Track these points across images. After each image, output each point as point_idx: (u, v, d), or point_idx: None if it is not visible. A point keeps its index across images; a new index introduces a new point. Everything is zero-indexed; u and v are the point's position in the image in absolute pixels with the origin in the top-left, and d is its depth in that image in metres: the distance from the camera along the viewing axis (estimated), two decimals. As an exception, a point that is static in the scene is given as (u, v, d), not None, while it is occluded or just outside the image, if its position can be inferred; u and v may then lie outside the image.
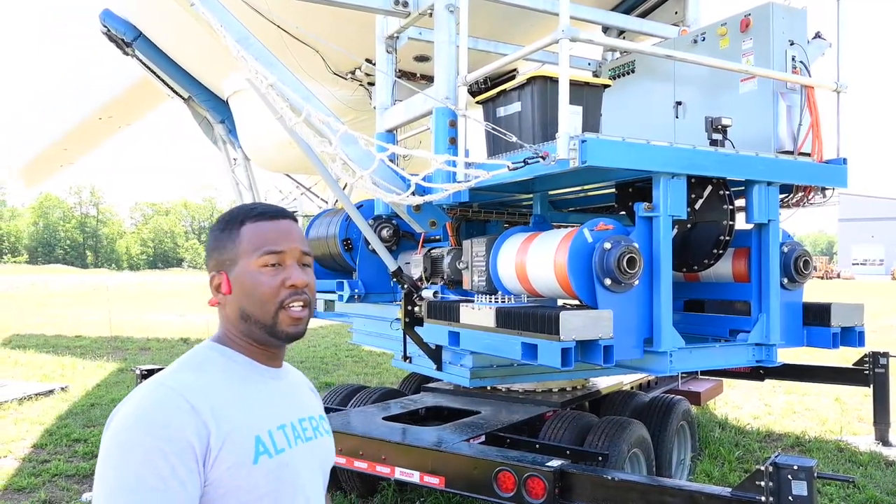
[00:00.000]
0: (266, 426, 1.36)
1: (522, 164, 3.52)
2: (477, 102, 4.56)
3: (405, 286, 4.96)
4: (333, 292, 6.30)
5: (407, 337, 5.24)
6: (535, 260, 3.83)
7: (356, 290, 6.00)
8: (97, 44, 10.74)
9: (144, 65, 10.24)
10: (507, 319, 3.69)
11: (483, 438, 4.12)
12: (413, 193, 3.97)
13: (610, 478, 3.27)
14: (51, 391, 9.20)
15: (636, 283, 3.54)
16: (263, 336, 1.43)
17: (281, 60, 4.55)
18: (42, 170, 16.56)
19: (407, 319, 4.98)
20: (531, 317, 3.50)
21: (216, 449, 1.25)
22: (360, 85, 7.71)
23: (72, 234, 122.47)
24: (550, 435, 4.28)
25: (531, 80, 3.86)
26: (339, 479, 5.22)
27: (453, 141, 4.37)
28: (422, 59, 6.67)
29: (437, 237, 5.65)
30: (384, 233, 5.86)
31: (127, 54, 10.44)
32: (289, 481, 1.37)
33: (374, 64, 7.53)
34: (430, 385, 5.64)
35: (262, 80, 4.14)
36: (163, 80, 10.42)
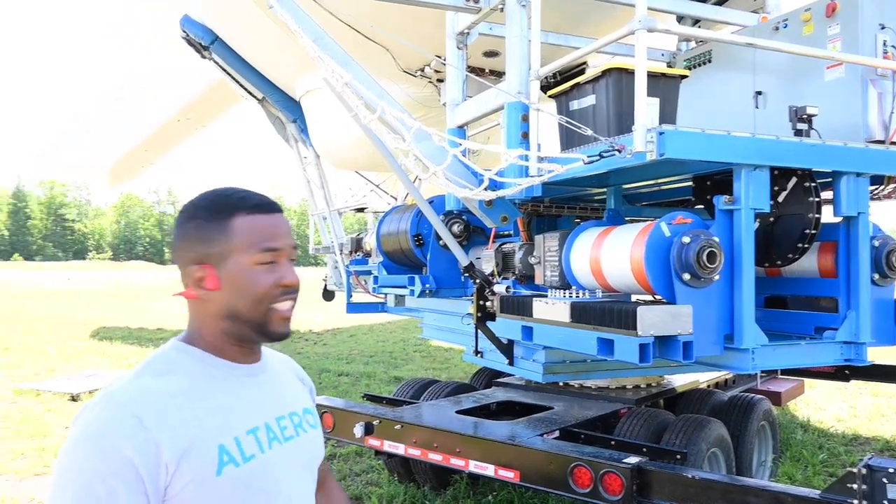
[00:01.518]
0: (232, 433, 1.28)
1: (598, 157, 3.48)
2: (549, 96, 4.52)
3: (477, 281, 4.98)
4: (404, 287, 6.38)
5: (478, 332, 5.26)
6: (610, 255, 3.78)
7: (427, 286, 6.05)
8: (176, 49, 11.15)
9: (221, 67, 10.59)
10: (582, 314, 3.66)
11: (557, 434, 4.10)
12: (485, 188, 3.98)
13: (690, 476, 3.21)
14: (136, 381, 9.61)
15: (716, 278, 3.46)
16: (251, 335, 1.37)
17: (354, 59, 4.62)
18: (125, 171, 17.34)
19: (479, 314, 4.98)
20: (607, 312, 3.46)
21: (172, 463, 1.18)
22: (430, 82, 7.77)
23: (151, 232, 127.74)
24: (626, 432, 4.22)
25: (606, 72, 3.81)
26: (411, 472, 5.29)
27: (525, 135, 4.36)
28: (491, 54, 6.67)
29: (508, 232, 5.64)
30: (455, 228, 5.88)
31: (204, 57, 10.81)
32: (261, 489, 1.29)
33: (444, 61, 7.59)
34: (502, 380, 5.64)
35: (337, 78, 4.22)
36: (238, 82, 10.75)
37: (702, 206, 4.39)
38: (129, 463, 1.14)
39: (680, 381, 5.35)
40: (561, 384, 5.18)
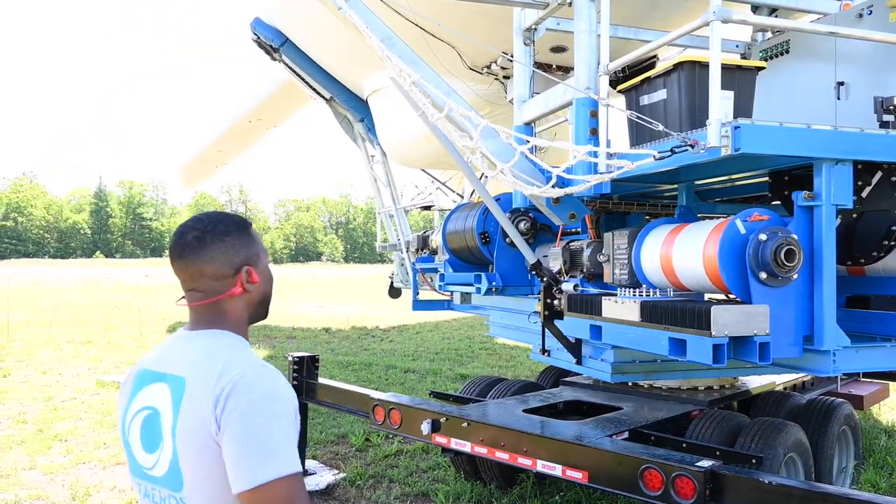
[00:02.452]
0: None
1: (669, 153, 3.40)
2: (619, 91, 4.45)
3: (545, 279, 4.94)
4: (471, 285, 6.38)
5: (546, 330, 5.22)
6: (682, 252, 3.69)
7: (493, 283, 6.04)
8: (247, 52, 11.46)
9: (290, 69, 10.83)
10: (653, 313, 3.59)
11: (626, 435, 4.03)
12: (554, 186, 3.94)
13: (766, 481, 3.10)
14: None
15: (795, 276, 3.33)
16: (264, 313, 1.83)
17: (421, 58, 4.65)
18: (199, 171, 17.93)
19: (546, 313, 4.94)
20: (679, 311, 3.38)
21: None
22: (496, 79, 7.76)
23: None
24: (698, 434, 4.11)
25: (678, 65, 3.72)
26: (478, 469, 5.30)
27: (594, 131, 4.30)
28: (559, 49, 6.60)
29: (575, 230, 5.58)
30: (522, 226, 5.86)
31: (274, 59, 11.07)
32: None
33: (511, 57, 7.55)
34: (569, 379, 5.58)
35: (405, 77, 4.26)
36: (307, 83, 10.97)
37: (779, 202, 4.24)
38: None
39: (755, 382, 5.19)
40: (630, 384, 5.10)
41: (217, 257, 1.66)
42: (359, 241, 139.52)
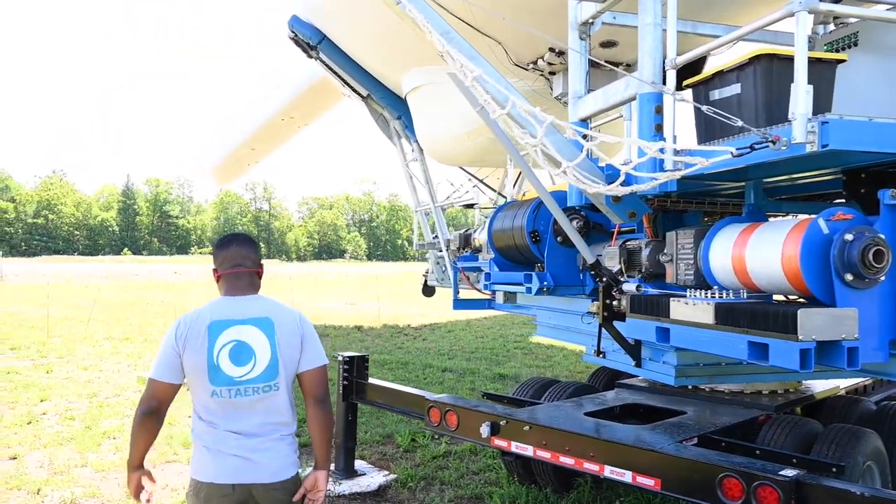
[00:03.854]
0: None
1: (748, 149, 3.27)
2: (685, 86, 4.32)
3: (604, 279, 4.83)
4: (519, 284, 6.29)
5: (602, 331, 5.12)
6: (758, 253, 3.57)
7: (545, 283, 5.94)
8: (280, 51, 11.44)
9: (327, 66, 10.81)
10: (729, 316, 3.47)
11: (696, 441, 3.91)
12: (620, 184, 3.83)
13: (858, 492, 2.97)
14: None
15: (882, 278, 3.20)
16: None
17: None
18: (232, 169, 18.02)
19: (605, 314, 4.84)
20: (760, 314, 3.26)
21: None
22: (541, 75, 7.64)
23: (248, 228, 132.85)
24: (770, 441, 3.98)
25: (754, 59, 3.58)
26: (532, 473, 5.21)
27: (659, 128, 4.16)
28: (609, 44, 6.48)
29: (629, 228, 5.47)
30: (575, 224, 5.77)
31: (311, 57, 11.05)
32: None
33: (557, 53, 7.41)
34: (625, 381, 5.46)
35: (467, 73, 4.17)
36: (343, 80, 10.94)
37: (854, 201, 4.08)
38: None
39: (819, 387, 5.03)
40: (689, 387, 4.97)
41: (254, 249, 2.97)
42: (382, 238, 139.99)
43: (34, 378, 9.58)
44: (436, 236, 11.15)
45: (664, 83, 3.97)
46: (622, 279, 4.85)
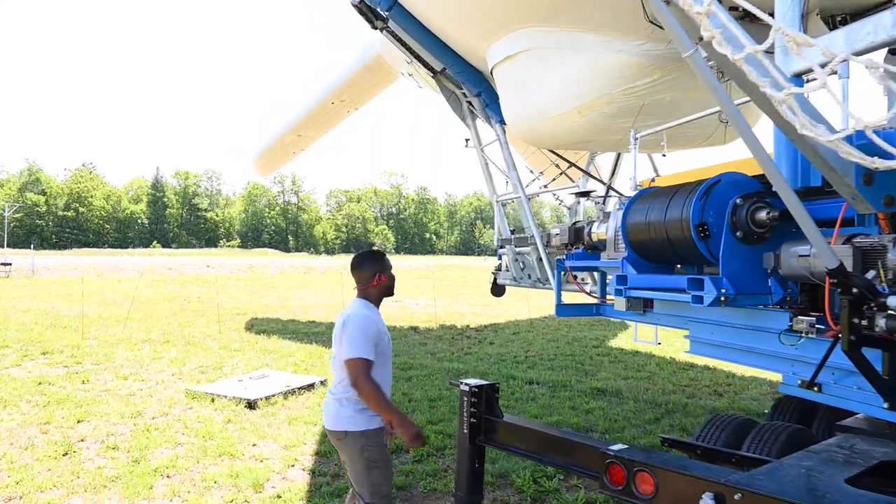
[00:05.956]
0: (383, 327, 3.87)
1: None
2: None
3: (853, 290, 3.48)
4: (680, 290, 4.95)
5: (825, 360, 3.82)
6: None
7: (723, 291, 4.59)
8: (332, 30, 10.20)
9: (396, 37, 9.54)
10: None
11: None
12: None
13: None
14: (311, 385, 8.77)
15: None
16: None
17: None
18: (277, 157, 16.88)
19: (852, 337, 3.50)
20: None
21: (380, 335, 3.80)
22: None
23: (276, 221, 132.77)
24: None
25: None
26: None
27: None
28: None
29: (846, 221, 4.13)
30: (759, 215, 4.47)
31: (376, 28, 9.80)
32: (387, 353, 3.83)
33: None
34: (847, 424, 4.10)
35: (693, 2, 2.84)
36: (414, 53, 9.67)
37: None
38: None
39: None
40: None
41: (359, 269, 3.89)
42: (409, 231, 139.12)
43: (69, 391, 8.45)
44: (513, 230, 9.84)
45: None
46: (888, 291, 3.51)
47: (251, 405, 7.76)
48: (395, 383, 9.03)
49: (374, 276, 3.82)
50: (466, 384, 4.45)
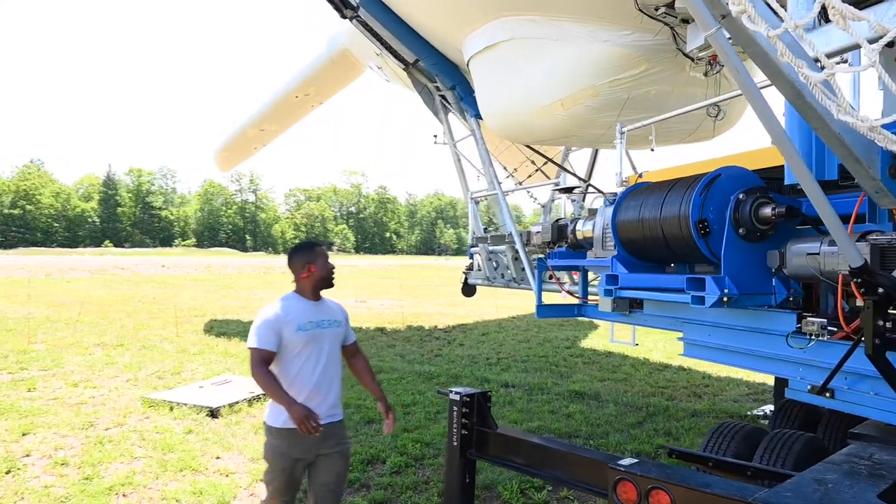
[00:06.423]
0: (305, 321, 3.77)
1: None
2: None
3: (878, 290, 3.25)
4: (678, 290, 4.69)
5: (840, 365, 3.59)
6: None
7: (725, 291, 4.34)
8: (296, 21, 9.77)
9: (367, 27, 9.14)
10: None
11: None
12: None
13: None
14: (277, 391, 8.32)
15: None
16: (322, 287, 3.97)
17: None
18: (239, 151, 16.30)
19: (876, 340, 3.27)
20: None
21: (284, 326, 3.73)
22: (668, 26, 6.03)
23: (233, 219, 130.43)
24: None
25: None
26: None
27: None
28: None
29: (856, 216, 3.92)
30: (764, 211, 4.25)
31: (345, 17, 9.38)
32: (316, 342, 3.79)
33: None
34: (861, 431, 3.88)
35: None
36: (385, 44, 9.29)
37: None
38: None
39: None
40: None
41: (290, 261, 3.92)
42: (370, 231, 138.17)
43: (13, 399, 7.85)
44: (487, 228, 9.55)
45: None
46: (911, 291, 3.27)
47: (213, 413, 7.29)
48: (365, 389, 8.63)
49: (303, 268, 3.82)
50: (457, 393, 4.12)
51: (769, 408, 7.68)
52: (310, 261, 3.82)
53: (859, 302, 4.12)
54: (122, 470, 5.56)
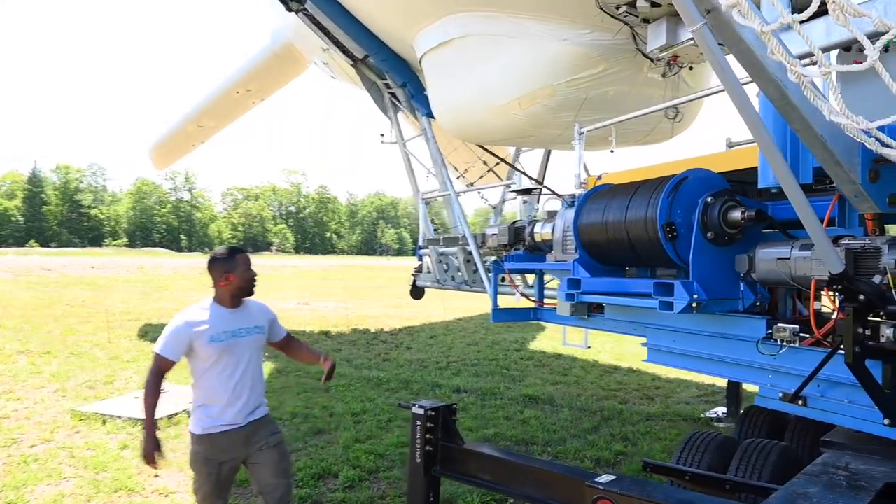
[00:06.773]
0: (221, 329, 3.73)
1: None
2: None
3: (858, 297, 3.18)
4: (645, 295, 4.58)
5: (815, 373, 3.52)
6: None
7: (694, 296, 4.24)
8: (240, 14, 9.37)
9: (314, 21, 8.81)
10: None
11: None
12: None
13: None
14: (219, 401, 7.90)
15: None
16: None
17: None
18: (175, 148, 15.62)
19: (856, 348, 3.20)
20: None
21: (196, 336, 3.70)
22: (628, 26, 5.94)
23: (167, 219, 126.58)
24: None
25: None
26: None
27: None
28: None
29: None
30: (733, 214, 4.19)
31: (291, 10, 9.02)
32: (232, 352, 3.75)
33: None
34: (832, 439, 3.82)
35: None
36: (333, 39, 8.97)
37: None
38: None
39: None
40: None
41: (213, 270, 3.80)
42: (309, 231, 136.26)
43: (-72, 414, 7.22)
44: (436, 230, 9.35)
45: None
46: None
47: (151, 426, 6.85)
48: (312, 396, 8.32)
49: (222, 276, 3.75)
50: (420, 406, 3.88)
51: (721, 410, 7.72)
52: (228, 270, 3.75)
53: (827, 309, 4.09)
54: (49, 493, 5.11)
